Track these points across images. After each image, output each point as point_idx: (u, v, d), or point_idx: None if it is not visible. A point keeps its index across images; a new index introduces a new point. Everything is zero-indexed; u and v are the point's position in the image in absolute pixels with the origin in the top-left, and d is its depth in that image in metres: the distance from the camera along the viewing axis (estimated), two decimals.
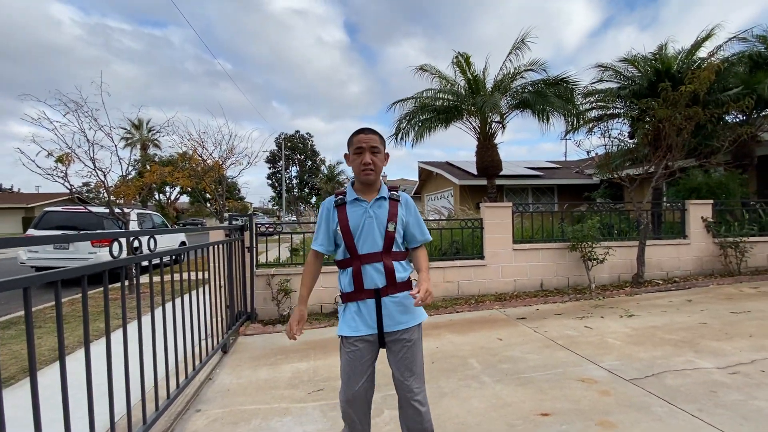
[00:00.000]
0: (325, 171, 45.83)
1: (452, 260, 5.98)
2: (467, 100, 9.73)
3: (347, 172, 44.23)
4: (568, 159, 25.54)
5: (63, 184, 6.18)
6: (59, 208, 8.87)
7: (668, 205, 7.95)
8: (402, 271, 1.83)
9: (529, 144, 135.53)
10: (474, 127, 10.10)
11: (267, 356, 3.82)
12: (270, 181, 47.26)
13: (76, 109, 6.17)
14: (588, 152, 7.58)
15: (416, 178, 22.76)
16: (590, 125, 10.67)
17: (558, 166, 18.41)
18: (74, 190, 6.40)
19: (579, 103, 10.17)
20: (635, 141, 8.48)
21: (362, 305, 1.80)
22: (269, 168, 46.42)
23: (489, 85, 9.97)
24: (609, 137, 7.30)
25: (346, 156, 1.92)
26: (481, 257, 6.09)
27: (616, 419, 2.46)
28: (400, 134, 10.36)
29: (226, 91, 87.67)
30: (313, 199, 46.19)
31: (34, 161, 6.00)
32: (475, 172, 12.65)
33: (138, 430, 2.20)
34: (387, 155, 1.91)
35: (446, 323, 4.78)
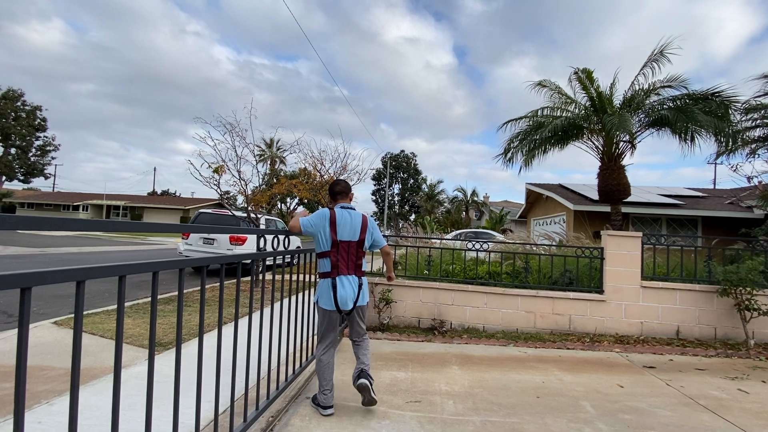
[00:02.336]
0: (426, 189, 46.33)
1: (564, 291, 5.48)
2: (590, 118, 8.93)
3: (447, 191, 44.15)
4: (718, 187, 21.34)
5: (216, 191, 7.51)
6: (210, 211, 10.75)
7: None
8: None
9: (663, 168, 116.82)
10: (597, 147, 9.19)
11: None
12: (374, 197, 49.73)
13: (230, 130, 7.51)
14: (749, 179, 6.26)
15: (521, 201, 21.49)
16: (752, 146, 8.81)
17: (704, 194, 15.48)
18: (224, 196, 7.73)
19: (737, 120, 8.50)
20: None
21: None
22: (374, 185, 48.93)
23: (617, 101, 9.00)
24: None
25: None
26: (600, 291, 5.45)
27: None
28: (510, 154, 9.98)
29: (342, 115, 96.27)
30: (412, 217, 46.95)
31: (198, 170, 7.45)
32: (594, 197, 11.44)
33: (263, 403, 2.53)
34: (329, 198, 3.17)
35: (554, 358, 4.39)
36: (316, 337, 3.04)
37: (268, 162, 38.41)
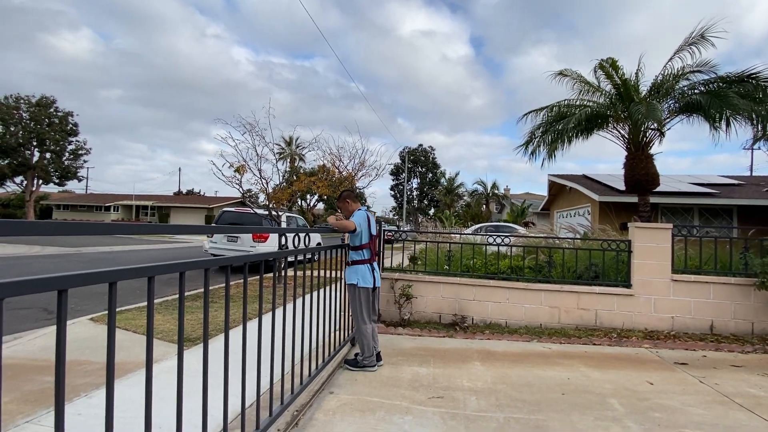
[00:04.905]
0: (445, 183, 45.90)
1: (589, 285, 5.34)
2: (615, 106, 8.60)
3: (467, 184, 43.79)
4: (755, 174, 20.28)
5: (238, 190, 7.67)
6: (233, 209, 11.03)
7: None
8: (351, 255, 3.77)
9: (694, 156, 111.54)
10: (622, 136, 8.85)
11: (389, 355, 4.03)
12: (393, 192, 49.68)
13: (250, 130, 7.65)
14: None
15: (544, 192, 20.98)
16: None
17: (739, 182, 14.71)
18: (246, 195, 7.90)
19: None
20: None
21: None
22: (393, 180, 48.85)
23: (644, 88, 8.63)
24: None
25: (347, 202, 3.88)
26: (627, 285, 5.29)
27: None
28: (531, 146, 9.73)
29: (359, 111, 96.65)
30: (431, 211, 46.65)
31: (221, 170, 7.63)
32: (620, 187, 11.05)
33: (287, 397, 2.59)
34: (347, 201, 3.87)
35: (580, 354, 4.29)
36: (353, 317, 3.80)
37: (288, 160, 38.89)
